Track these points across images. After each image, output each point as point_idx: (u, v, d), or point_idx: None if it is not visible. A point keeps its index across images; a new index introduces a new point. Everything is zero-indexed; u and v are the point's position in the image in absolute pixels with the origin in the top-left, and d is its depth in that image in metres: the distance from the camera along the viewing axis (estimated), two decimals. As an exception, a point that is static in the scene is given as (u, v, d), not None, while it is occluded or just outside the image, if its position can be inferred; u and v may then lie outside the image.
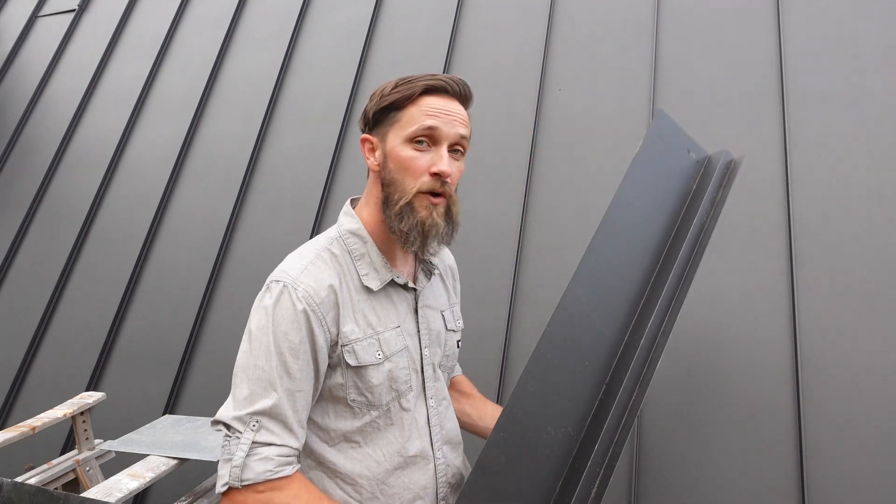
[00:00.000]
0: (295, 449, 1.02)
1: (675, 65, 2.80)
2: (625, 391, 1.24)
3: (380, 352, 1.08)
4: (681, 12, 2.93)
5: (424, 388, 1.18)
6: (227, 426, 1.00)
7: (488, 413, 1.40)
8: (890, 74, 2.47)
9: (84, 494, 1.77)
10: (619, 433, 1.20)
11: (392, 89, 1.07)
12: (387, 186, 1.09)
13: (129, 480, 1.84)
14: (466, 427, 1.39)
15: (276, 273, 1.07)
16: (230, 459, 0.97)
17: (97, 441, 2.46)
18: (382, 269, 1.12)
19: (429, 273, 1.22)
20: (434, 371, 1.21)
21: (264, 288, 1.06)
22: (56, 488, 2.23)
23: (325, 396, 1.09)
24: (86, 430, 2.38)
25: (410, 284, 1.17)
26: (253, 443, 0.97)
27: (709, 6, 2.89)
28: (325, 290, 1.04)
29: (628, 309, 1.36)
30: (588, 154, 2.73)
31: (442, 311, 1.25)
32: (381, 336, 1.09)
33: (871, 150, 2.35)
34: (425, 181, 1.06)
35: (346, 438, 1.11)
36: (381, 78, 3.38)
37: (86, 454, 2.35)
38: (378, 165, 1.11)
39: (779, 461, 1.99)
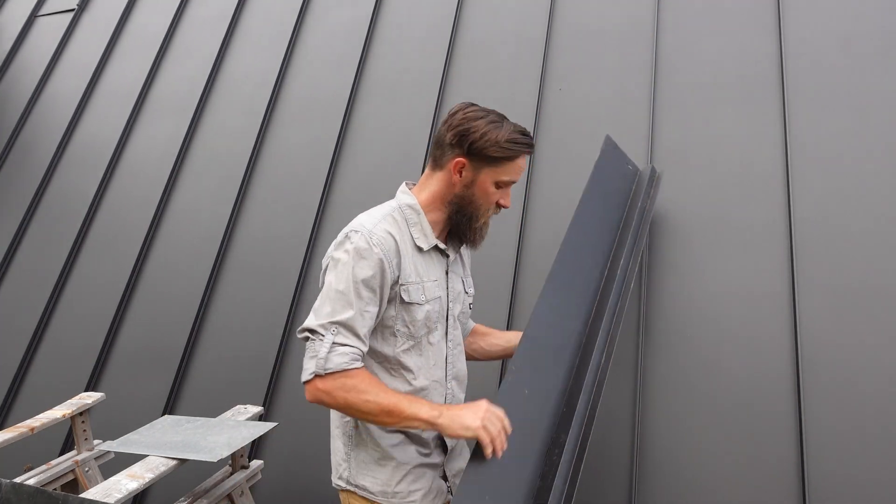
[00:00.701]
0: (362, 352, 1.35)
1: (674, 63, 2.80)
2: (601, 336, 1.80)
3: (423, 295, 1.43)
4: (681, 10, 2.92)
5: (447, 332, 1.52)
6: (313, 331, 1.31)
7: (512, 337, 1.76)
8: (891, 72, 2.46)
9: (83, 495, 1.77)
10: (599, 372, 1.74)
11: (504, 142, 1.38)
12: (463, 199, 1.45)
13: (129, 481, 1.83)
14: (500, 353, 1.77)
15: (354, 225, 1.39)
16: (315, 355, 1.29)
17: (96, 442, 2.46)
18: (430, 235, 1.46)
19: (457, 248, 1.57)
20: (454, 321, 1.55)
21: (343, 236, 1.38)
22: (55, 489, 2.23)
23: (377, 325, 1.41)
24: (85, 430, 2.38)
25: (447, 252, 1.52)
26: (333, 343, 1.29)
27: (709, 4, 2.89)
28: (391, 240, 1.38)
29: (599, 271, 2.00)
30: (588, 153, 2.72)
31: (462, 278, 1.61)
32: (425, 284, 1.44)
33: (872, 149, 2.35)
34: (493, 208, 1.48)
35: (387, 359, 1.45)
36: (380, 77, 3.38)
37: (85, 455, 2.35)
38: (461, 182, 1.43)
39: (779, 461, 1.98)
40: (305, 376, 1.30)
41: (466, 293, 1.62)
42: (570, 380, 1.66)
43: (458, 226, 1.48)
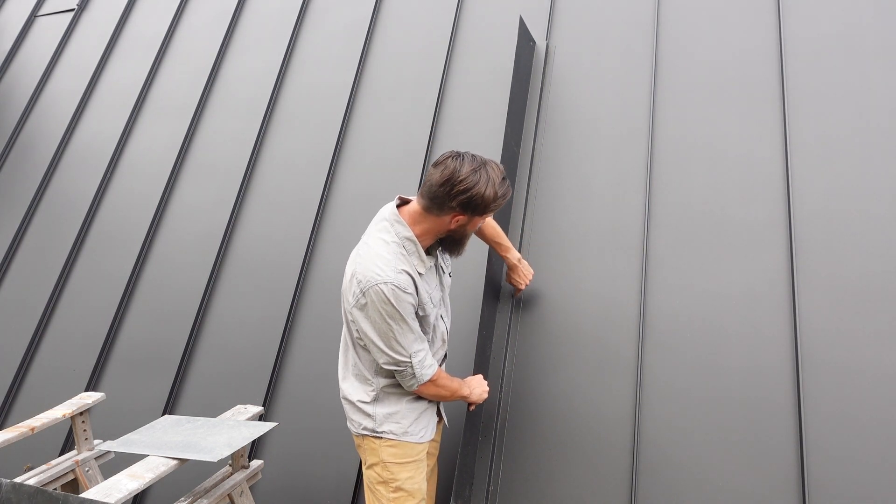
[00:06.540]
0: (433, 355, 1.87)
1: (675, 62, 2.80)
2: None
3: (430, 305, 1.82)
4: (681, 9, 2.92)
5: (442, 315, 1.95)
6: (402, 363, 1.74)
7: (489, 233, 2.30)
8: (891, 72, 2.46)
9: (83, 495, 1.77)
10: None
11: (492, 203, 1.72)
12: (456, 233, 1.81)
13: (129, 481, 1.84)
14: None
15: (372, 277, 1.68)
16: (413, 375, 1.76)
17: (96, 441, 2.46)
18: (426, 259, 1.81)
19: (437, 247, 1.91)
20: (446, 313, 1.98)
21: (370, 290, 1.68)
22: (55, 489, 2.23)
23: None
24: (85, 430, 2.38)
25: (434, 264, 1.90)
26: (420, 363, 1.76)
27: (709, 4, 2.89)
28: (409, 277, 1.72)
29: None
30: (588, 152, 2.72)
31: (443, 266, 1.95)
32: (431, 295, 1.83)
33: (872, 148, 2.35)
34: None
35: None
36: (381, 78, 3.38)
37: (85, 454, 2.35)
38: (457, 225, 1.78)
39: (779, 461, 1.98)
40: (414, 388, 1.80)
41: (449, 276, 1.99)
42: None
43: (448, 245, 1.87)
